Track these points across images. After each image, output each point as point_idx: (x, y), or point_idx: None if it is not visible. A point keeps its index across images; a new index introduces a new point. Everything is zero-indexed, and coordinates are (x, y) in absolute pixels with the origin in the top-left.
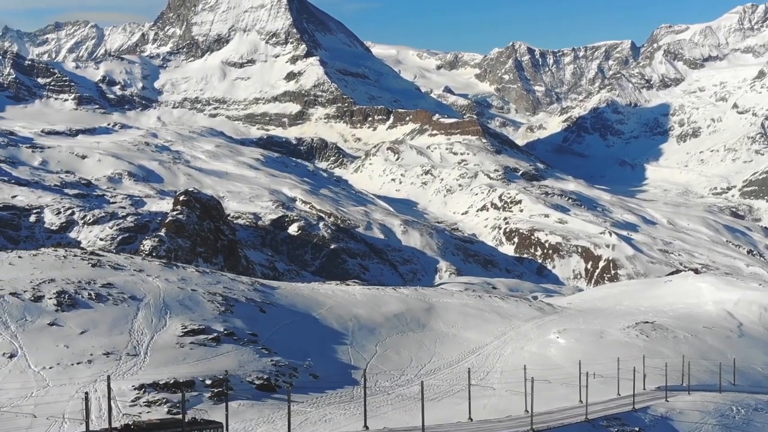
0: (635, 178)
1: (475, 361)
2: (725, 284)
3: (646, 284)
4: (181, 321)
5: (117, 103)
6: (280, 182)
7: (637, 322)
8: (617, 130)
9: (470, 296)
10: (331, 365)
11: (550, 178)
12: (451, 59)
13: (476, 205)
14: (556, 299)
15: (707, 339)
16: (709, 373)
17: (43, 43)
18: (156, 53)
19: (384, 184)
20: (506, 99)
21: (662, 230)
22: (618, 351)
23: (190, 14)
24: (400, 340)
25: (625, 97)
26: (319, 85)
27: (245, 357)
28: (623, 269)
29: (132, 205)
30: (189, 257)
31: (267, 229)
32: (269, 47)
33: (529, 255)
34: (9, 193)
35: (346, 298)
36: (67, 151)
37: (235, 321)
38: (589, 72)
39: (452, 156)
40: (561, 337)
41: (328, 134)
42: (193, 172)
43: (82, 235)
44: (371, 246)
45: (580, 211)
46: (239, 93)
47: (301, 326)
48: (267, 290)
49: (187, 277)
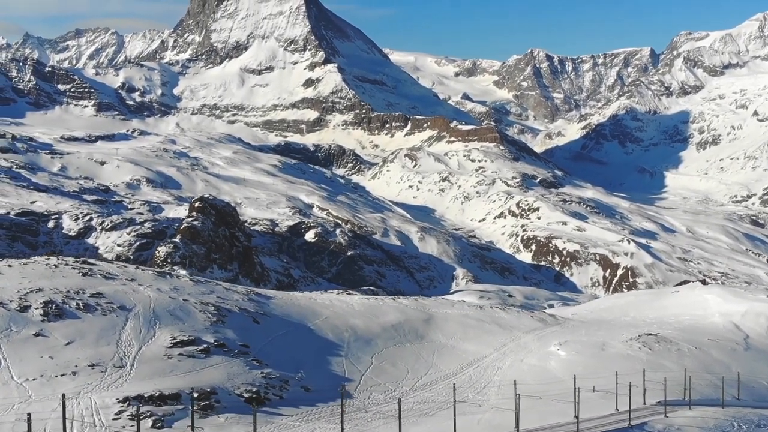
0: (654, 185)
1: (473, 373)
2: (732, 296)
3: (653, 295)
4: (170, 332)
5: (136, 109)
6: (298, 189)
7: (640, 334)
8: (636, 138)
9: (471, 307)
10: (325, 377)
11: (569, 185)
12: (470, 66)
13: (494, 212)
14: (560, 310)
15: (712, 352)
16: (712, 387)
17: (63, 50)
18: (175, 60)
19: (401, 190)
20: (524, 106)
21: (681, 238)
22: (620, 364)
23: (209, 21)
24: (397, 351)
25: (644, 104)
26: (337, 91)
27: (235, 369)
28: (642, 277)
29: (150, 211)
30: (204, 264)
31: (284, 235)
32: (287, 54)
33: (547, 262)
34: (28, 199)
35: (344, 308)
36: (86, 157)
37: (226, 332)
38: (608, 79)
39: (470, 163)
40: (561, 349)
41: (346, 141)
42: (210, 178)
43: (100, 241)
44: (388, 253)
45: (598, 219)
46: (257, 100)
47: (295, 337)
48: (262, 300)
49: (180, 287)
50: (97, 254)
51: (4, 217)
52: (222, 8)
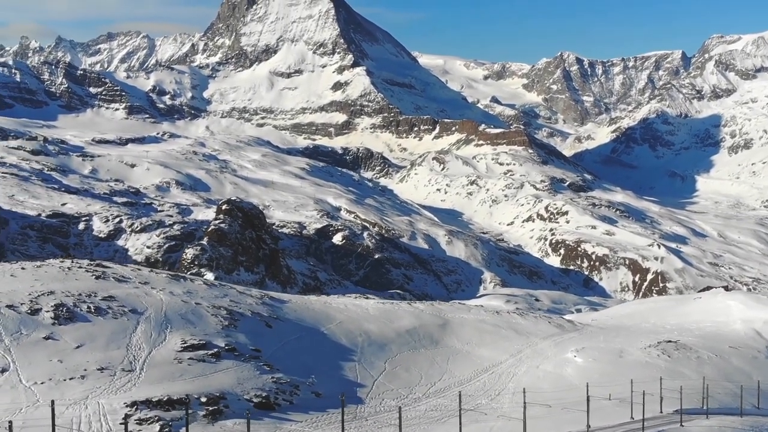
0: (685, 189)
1: (488, 379)
2: (755, 302)
3: (675, 301)
4: (181, 335)
5: (167, 112)
6: (325, 191)
7: (660, 341)
8: (667, 141)
9: (487, 312)
10: (337, 383)
11: (598, 189)
12: (499, 69)
13: (522, 215)
14: (581, 315)
15: (732, 360)
16: (732, 396)
17: (95, 53)
18: (205, 63)
19: (429, 194)
20: (554, 109)
21: (712, 243)
22: (638, 371)
23: (239, 25)
24: (411, 356)
25: (675, 107)
26: (366, 95)
27: (245, 374)
28: (672, 282)
29: (179, 213)
30: (230, 266)
31: (311, 238)
32: (316, 57)
33: (576, 267)
34: (59, 201)
35: (358, 312)
36: (116, 159)
37: (238, 336)
38: (639, 82)
39: (498, 166)
40: (578, 356)
41: (374, 144)
42: (239, 181)
43: (130, 243)
44: (415, 256)
45: (627, 223)
46: (286, 103)
47: (308, 342)
48: (276, 304)
49: (193, 290)
50: (127, 256)
51: (35, 219)
52: (252, 12)
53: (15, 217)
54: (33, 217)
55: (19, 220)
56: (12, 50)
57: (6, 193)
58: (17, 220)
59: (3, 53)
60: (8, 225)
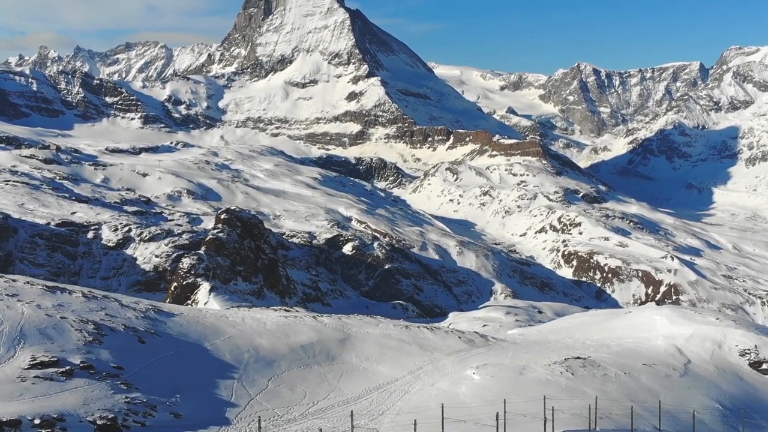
0: (702, 201)
1: (377, 398)
2: (680, 317)
3: (609, 315)
4: (33, 352)
5: (182, 122)
6: (337, 201)
7: (567, 357)
8: (684, 153)
9: (396, 326)
10: (205, 403)
11: (612, 200)
12: (515, 80)
13: (535, 226)
14: (523, 329)
15: (642, 378)
16: (634, 417)
17: (113, 63)
18: (221, 73)
19: (442, 204)
20: (570, 120)
21: (727, 255)
22: (536, 389)
23: (255, 35)
24: (300, 374)
25: (692, 119)
26: (380, 105)
27: (95, 393)
28: (685, 294)
29: (189, 222)
30: (228, 276)
31: (321, 248)
32: (331, 67)
33: (588, 278)
34: (69, 210)
35: (254, 326)
36: (128, 168)
37: (101, 352)
38: (657, 93)
39: (511, 177)
40: (477, 373)
41: (388, 154)
42: (250, 190)
43: (138, 251)
44: (426, 267)
45: (641, 235)
46: (301, 113)
47: (184, 358)
48: (160, 318)
49: (66, 303)
50: (135, 265)
51: (44, 228)
52: (268, 22)
53: (24, 226)
54: (42, 225)
55: (29, 229)
56: (31, 60)
57: (16, 201)
58: (26, 228)
59: (22, 63)
60: (17, 233)
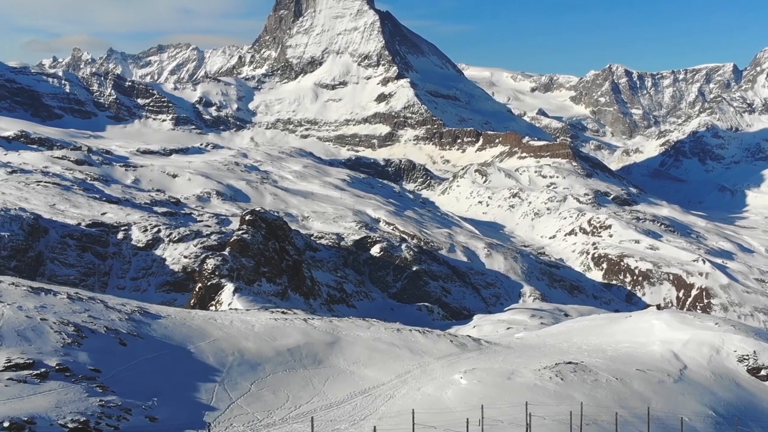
0: (735, 204)
1: (361, 402)
2: (678, 322)
3: (608, 320)
4: (8, 354)
5: (212, 123)
6: (365, 203)
7: (558, 362)
8: (717, 155)
9: (387, 330)
10: (183, 406)
11: (643, 203)
12: (546, 81)
13: (564, 229)
14: (527, 333)
15: (633, 384)
16: (622, 423)
17: (146, 65)
18: (252, 75)
19: (471, 206)
20: (602, 122)
21: (760, 259)
22: (523, 395)
23: (285, 37)
24: (284, 377)
25: (725, 121)
26: (409, 106)
27: (69, 396)
28: (717, 298)
29: (218, 223)
30: (252, 277)
31: (349, 249)
32: (361, 69)
33: (618, 281)
34: (99, 210)
35: (241, 329)
36: (159, 170)
37: (79, 355)
38: (689, 95)
39: (541, 179)
40: (464, 377)
41: (417, 156)
42: (279, 191)
43: (167, 252)
44: (454, 269)
45: (672, 238)
46: (330, 114)
47: (166, 361)
48: (145, 320)
49: (48, 304)
50: (164, 265)
51: (74, 228)
52: (298, 24)
53: (55, 226)
54: (73, 226)
55: (59, 229)
56: (64, 62)
57: (47, 202)
58: (57, 229)
59: (55, 65)
60: (48, 234)
